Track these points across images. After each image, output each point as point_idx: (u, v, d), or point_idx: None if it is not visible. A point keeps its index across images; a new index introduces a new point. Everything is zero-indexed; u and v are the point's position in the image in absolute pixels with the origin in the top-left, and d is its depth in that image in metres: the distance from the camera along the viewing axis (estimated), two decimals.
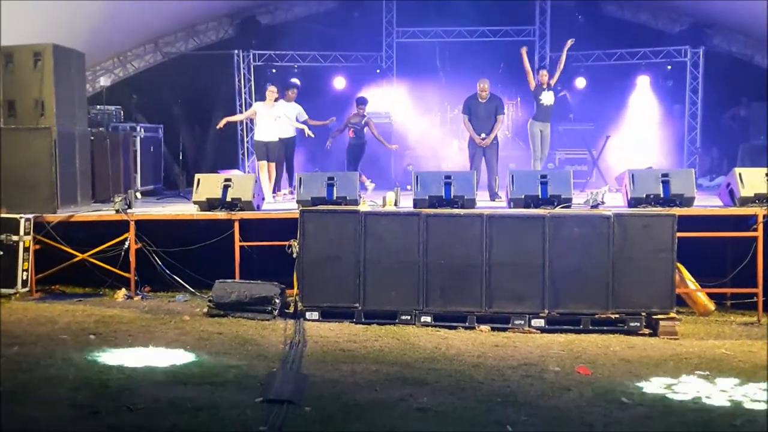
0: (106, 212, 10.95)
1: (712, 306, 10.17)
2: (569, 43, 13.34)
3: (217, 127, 13.60)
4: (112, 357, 7.35)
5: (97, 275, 10.78)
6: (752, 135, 16.35)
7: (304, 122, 13.93)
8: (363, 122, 14.36)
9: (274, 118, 13.37)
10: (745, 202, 10.18)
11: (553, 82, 13.25)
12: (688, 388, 6.77)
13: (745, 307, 10.24)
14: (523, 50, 13.29)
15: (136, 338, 8.21)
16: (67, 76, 11.33)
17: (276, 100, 13.52)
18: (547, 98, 13.18)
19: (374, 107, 16.89)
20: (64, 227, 10.67)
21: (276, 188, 13.64)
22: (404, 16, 17.63)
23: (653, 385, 6.83)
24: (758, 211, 9.99)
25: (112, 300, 10.41)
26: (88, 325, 8.76)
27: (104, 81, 15.54)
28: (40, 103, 10.89)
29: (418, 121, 16.92)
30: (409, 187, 11.58)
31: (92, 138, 12.73)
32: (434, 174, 10.79)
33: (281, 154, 13.69)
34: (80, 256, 10.64)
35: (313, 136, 13.78)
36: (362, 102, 14.58)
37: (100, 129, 13.50)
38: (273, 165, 13.50)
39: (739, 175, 10.34)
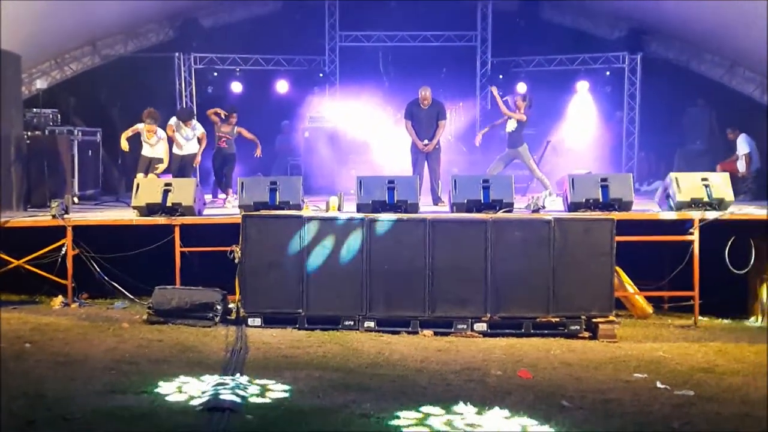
0: (42, 218, 10.71)
1: (650, 309, 10.36)
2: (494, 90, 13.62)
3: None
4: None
5: (33, 282, 10.52)
6: (688, 139, 16.68)
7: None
8: (235, 131, 13.50)
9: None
10: (682, 206, 10.36)
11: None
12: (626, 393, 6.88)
13: (682, 309, 10.45)
14: (494, 89, 13.43)
15: (73, 346, 8.05)
16: (2, 78, 11.08)
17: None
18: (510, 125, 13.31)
19: (317, 112, 16.90)
20: None
21: None
22: (347, 20, 17.59)
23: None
24: (694, 215, 10.18)
25: (49, 307, 10.20)
26: (23, 333, 8.58)
27: (41, 83, 15.15)
28: None
29: (361, 126, 16.86)
30: (352, 191, 11.55)
31: (28, 141, 12.49)
32: (377, 178, 10.74)
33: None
34: (15, 262, 10.38)
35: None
36: (233, 110, 13.71)
37: (37, 132, 13.20)
38: None
39: (676, 179, 10.52)
